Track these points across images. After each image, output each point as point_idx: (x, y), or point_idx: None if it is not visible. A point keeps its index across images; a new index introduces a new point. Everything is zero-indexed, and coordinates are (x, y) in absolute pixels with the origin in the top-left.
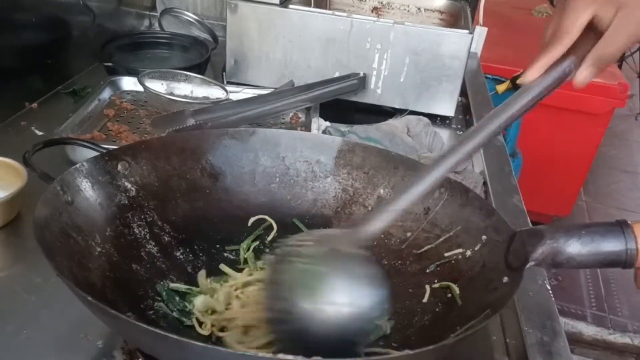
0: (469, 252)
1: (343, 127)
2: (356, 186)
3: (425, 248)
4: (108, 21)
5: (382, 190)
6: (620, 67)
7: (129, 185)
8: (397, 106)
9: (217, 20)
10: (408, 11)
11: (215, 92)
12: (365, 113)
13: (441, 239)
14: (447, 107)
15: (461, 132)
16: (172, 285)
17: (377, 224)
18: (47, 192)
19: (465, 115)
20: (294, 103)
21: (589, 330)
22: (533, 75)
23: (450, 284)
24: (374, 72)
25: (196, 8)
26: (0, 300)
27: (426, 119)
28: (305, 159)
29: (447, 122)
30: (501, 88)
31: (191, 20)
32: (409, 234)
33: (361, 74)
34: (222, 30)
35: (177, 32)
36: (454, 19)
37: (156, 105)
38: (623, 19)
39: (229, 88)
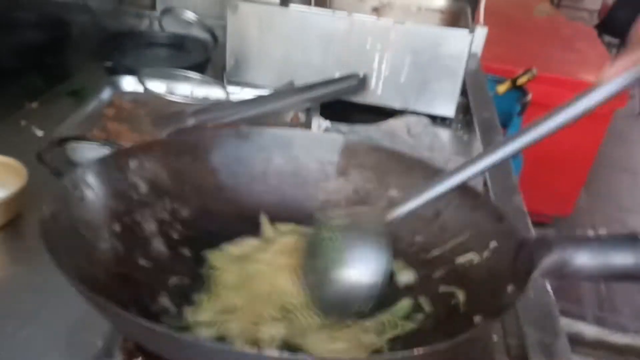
0: (477, 259)
1: (343, 127)
2: (367, 187)
3: (435, 253)
4: (108, 21)
5: (394, 192)
6: None
7: (140, 182)
8: (397, 106)
9: (217, 20)
10: (408, 11)
11: (215, 92)
12: (366, 113)
13: (450, 244)
14: (447, 107)
15: (461, 132)
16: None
17: (404, 209)
18: (58, 187)
19: (466, 115)
20: (294, 103)
21: (590, 330)
22: (613, 73)
23: (455, 289)
24: (374, 72)
25: (196, 8)
26: (0, 300)
27: (426, 119)
28: (318, 158)
29: (447, 122)
30: (502, 88)
31: (191, 20)
32: (417, 238)
33: (361, 74)
34: (222, 30)
35: (177, 32)
36: (454, 18)
37: (156, 105)
38: None
39: (229, 88)
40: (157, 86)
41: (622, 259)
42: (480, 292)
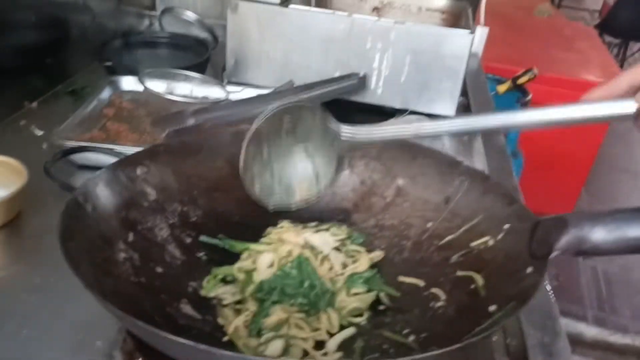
0: (492, 241)
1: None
2: (374, 178)
3: (448, 238)
4: (108, 21)
5: (400, 181)
6: (621, 67)
7: (149, 189)
8: (397, 106)
9: (217, 20)
10: (409, 11)
11: (215, 92)
12: (366, 113)
13: (463, 229)
14: (447, 107)
15: None
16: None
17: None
18: (69, 202)
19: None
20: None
21: (590, 331)
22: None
23: (473, 273)
24: (374, 72)
25: (196, 8)
26: (0, 300)
27: (427, 119)
28: None
29: None
30: (502, 88)
31: (191, 20)
32: (429, 224)
33: (361, 74)
34: (222, 30)
35: (177, 32)
36: (455, 18)
37: (156, 105)
38: None
39: (229, 88)
40: (157, 86)
41: (637, 231)
42: (499, 275)
